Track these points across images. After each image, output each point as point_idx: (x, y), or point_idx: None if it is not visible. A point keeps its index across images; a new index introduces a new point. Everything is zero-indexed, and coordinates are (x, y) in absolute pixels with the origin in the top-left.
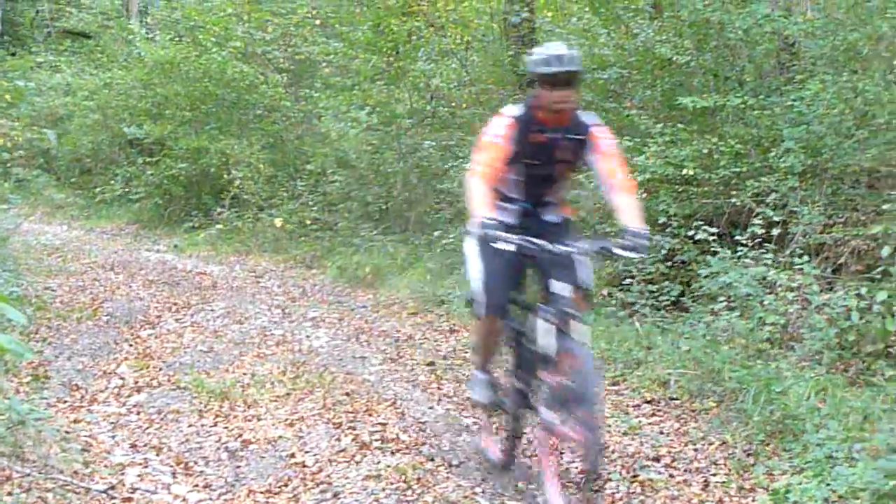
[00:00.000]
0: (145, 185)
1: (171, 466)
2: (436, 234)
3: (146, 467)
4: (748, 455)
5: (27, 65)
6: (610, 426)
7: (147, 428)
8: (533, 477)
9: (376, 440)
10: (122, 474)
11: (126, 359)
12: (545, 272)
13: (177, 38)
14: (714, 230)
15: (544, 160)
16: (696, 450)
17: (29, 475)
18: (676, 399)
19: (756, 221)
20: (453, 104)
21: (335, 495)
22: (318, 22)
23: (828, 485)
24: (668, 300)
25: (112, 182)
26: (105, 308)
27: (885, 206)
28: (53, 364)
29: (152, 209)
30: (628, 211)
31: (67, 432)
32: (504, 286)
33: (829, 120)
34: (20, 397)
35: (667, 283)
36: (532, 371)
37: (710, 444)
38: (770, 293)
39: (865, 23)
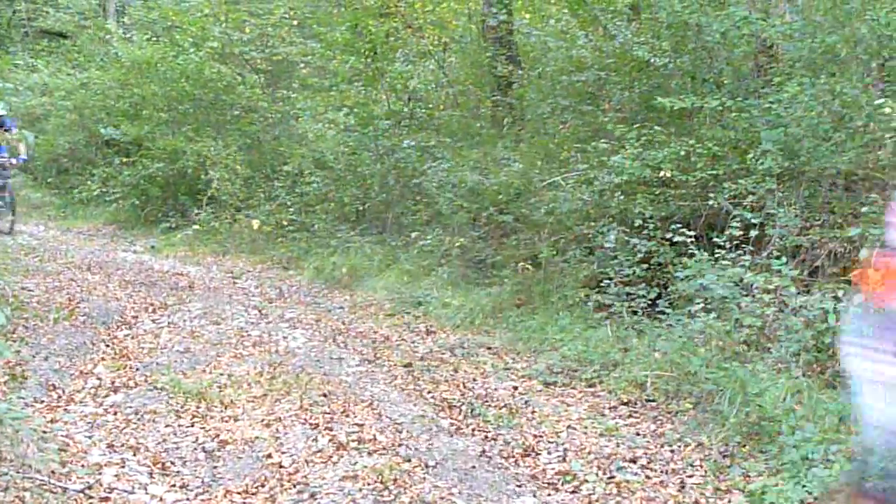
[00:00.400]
0: (122, 186)
1: (148, 466)
2: (413, 235)
3: (123, 467)
4: (724, 456)
5: (4, 65)
6: (586, 428)
7: (124, 428)
8: None
9: (353, 441)
10: (100, 474)
11: (103, 359)
12: None
13: (154, 39)
14: (691, 232)
15: None
16: (672, 451)
17: (6, 474)
18: (653, 401)
19: (733, 224)
20: (431, 105)
21: (312, 496)
22: (295, 22)
23: (803, 486)
24: (644, 302)
25: (89, 182)
26: (82, 308)
27: (861, 209)
28: (30, 364)
29: (129, 209)
30: None
31: (45, 432)
32: None
33: (806, 122)
34: None
35: (643, 285)
36: None
37: (687, 445)
38: (747, 295)
39: (843, 25)
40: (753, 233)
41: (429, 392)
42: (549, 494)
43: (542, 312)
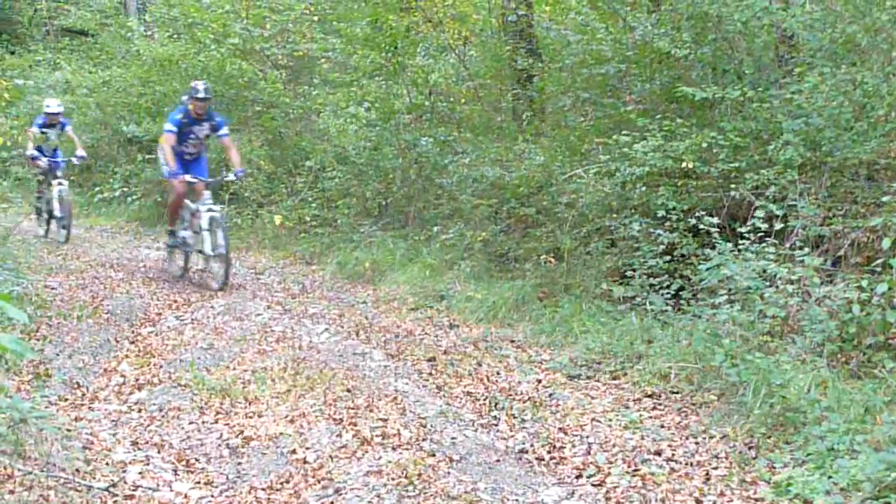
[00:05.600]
0: (145, 183)
1: (173, 464)
2: (435, 229)
3: (148, 465)
4: (749, 448)
5: (26, 63)
6: (611, 420)
7: (148, 425)
8: None
9: (377, 436)
10: (124, 472)
11: (127, 356)
12: None
13: (175, 36)
14: (714, 220)
15: None
16: (697, 443)
17: (30, 473)
18: (677, 393)
19: (756, 215)
20: (452, 99)
21: (337, 491)
22: (316, 18)
23: (829, 477)
24: (668, 294)
25: (111, 180)
26: (105, 306)
27: (884, 199)
28: (54, 362)
29: (152, 207)
30: None
31: (69, 430)
32: None
33: (828, 112)
34: (21, 395)
35: (667, 276)
36: None
37: (712, 437)
38: (770, 286)
39: (864, 14)
40: (776, 224)
41: (452, 386)
42: (573, 488)
43: (566, 305)
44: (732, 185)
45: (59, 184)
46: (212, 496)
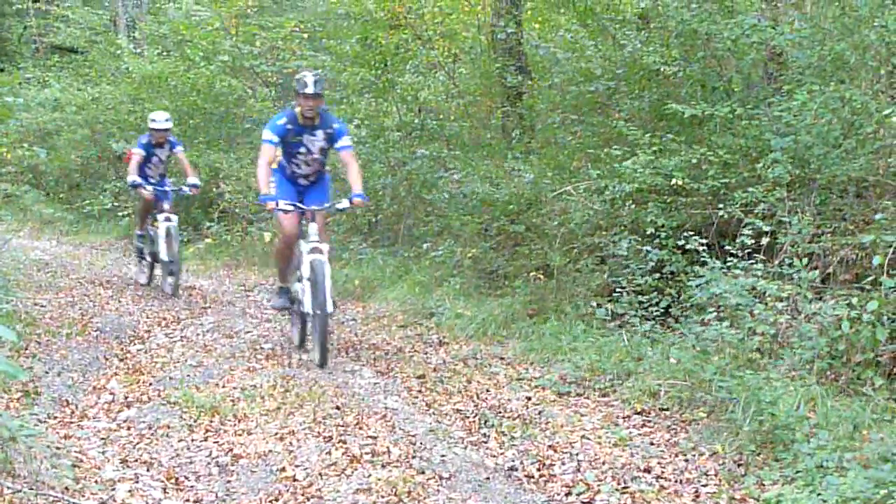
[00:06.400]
0: (134, 200)
1: (162, 482)
2: (424, 246)
3: (137, 482)
4: (739, 465)
5: (15, 81)
6: (600, 438)
7: (137, 443)
8: None
9: (367, 453)
10: (113, 490)
11: (116, 374)
12: None
13: (165, 53)
14: (703, 240)
15: None
16: (686, 461)
17: (20, 491)
18: (667, 410)
19: (745, 232)
20: (441, 117)
21: None
22: (305, 36)
23: (818, 495)
24: (657, 311)
25: (101, 197)
26: (95, 323)
27: (874, 216)
28: (44, 380)
29: None
30: None
31: (58, 448)
32: None
33: (816, 130)
34: (11, 413)
35: (656, 293)
36: None
37: (701, 454)
38: (760, 303)
39: (852, 32)
40: (765, 240)
41: (442, 404)
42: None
43: (555, 322)
44: (721, 203)
45: (167, 219)
46: None
